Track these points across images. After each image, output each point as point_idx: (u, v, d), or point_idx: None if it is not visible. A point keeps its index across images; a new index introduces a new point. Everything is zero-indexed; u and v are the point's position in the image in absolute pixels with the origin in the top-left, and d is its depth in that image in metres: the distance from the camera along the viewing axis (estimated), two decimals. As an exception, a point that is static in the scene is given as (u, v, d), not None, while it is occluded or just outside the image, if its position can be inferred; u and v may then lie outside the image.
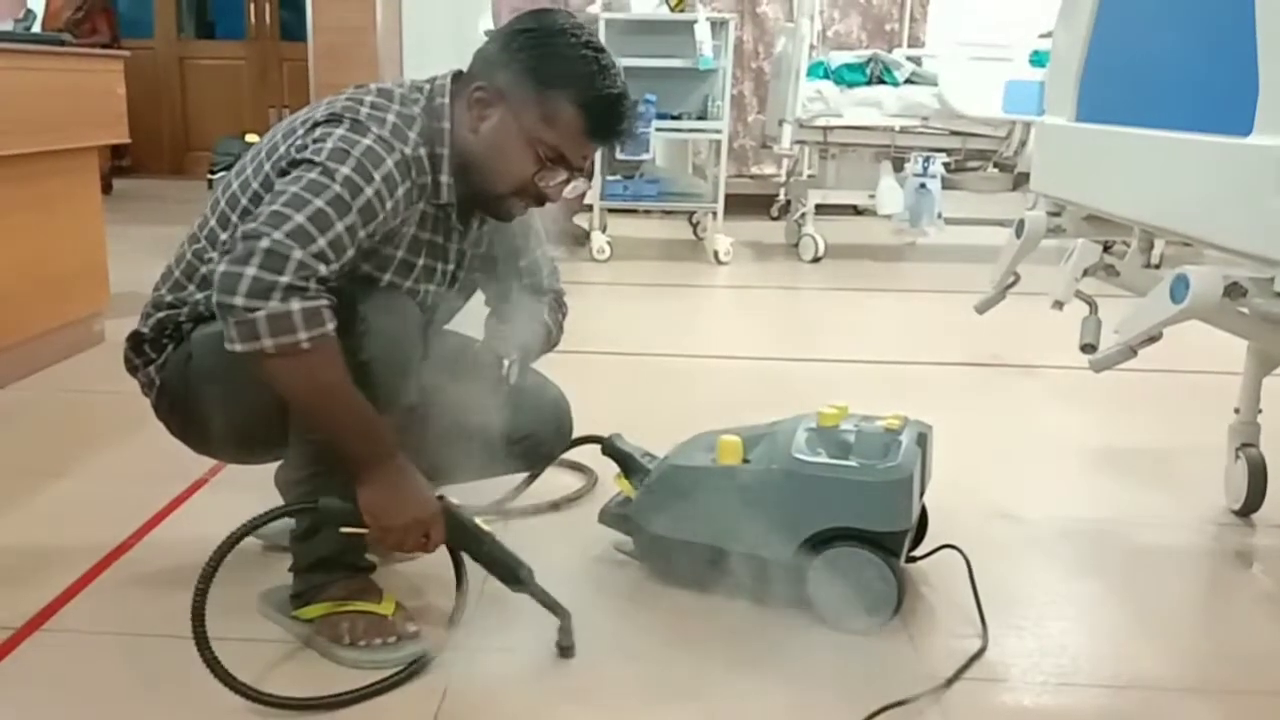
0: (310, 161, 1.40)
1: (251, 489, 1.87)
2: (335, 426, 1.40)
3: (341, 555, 1.54)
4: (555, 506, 2.04)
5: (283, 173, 1.43)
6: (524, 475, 1.99)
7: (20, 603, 1.64)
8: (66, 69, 2.92)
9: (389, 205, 1.43)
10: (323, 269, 1.34)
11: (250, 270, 1.29)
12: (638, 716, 1.41)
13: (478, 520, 1.53)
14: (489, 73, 1.51)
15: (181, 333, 1.56)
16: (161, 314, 1.56)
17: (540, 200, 1.57)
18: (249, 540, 1.83)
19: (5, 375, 2.75)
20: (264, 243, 1.31)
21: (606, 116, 1.51)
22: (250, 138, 5.91)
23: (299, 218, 1.33)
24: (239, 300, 1.29)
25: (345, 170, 1.38)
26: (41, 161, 2.83)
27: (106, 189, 5.13)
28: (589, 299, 4.11)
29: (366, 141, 1.42)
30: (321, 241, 1.34)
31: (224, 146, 6.19)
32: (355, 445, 1.42)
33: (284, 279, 1.30)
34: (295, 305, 1.30)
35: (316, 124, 1.46)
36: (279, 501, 1.81)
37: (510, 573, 1.53)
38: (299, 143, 1.45)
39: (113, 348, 3.07)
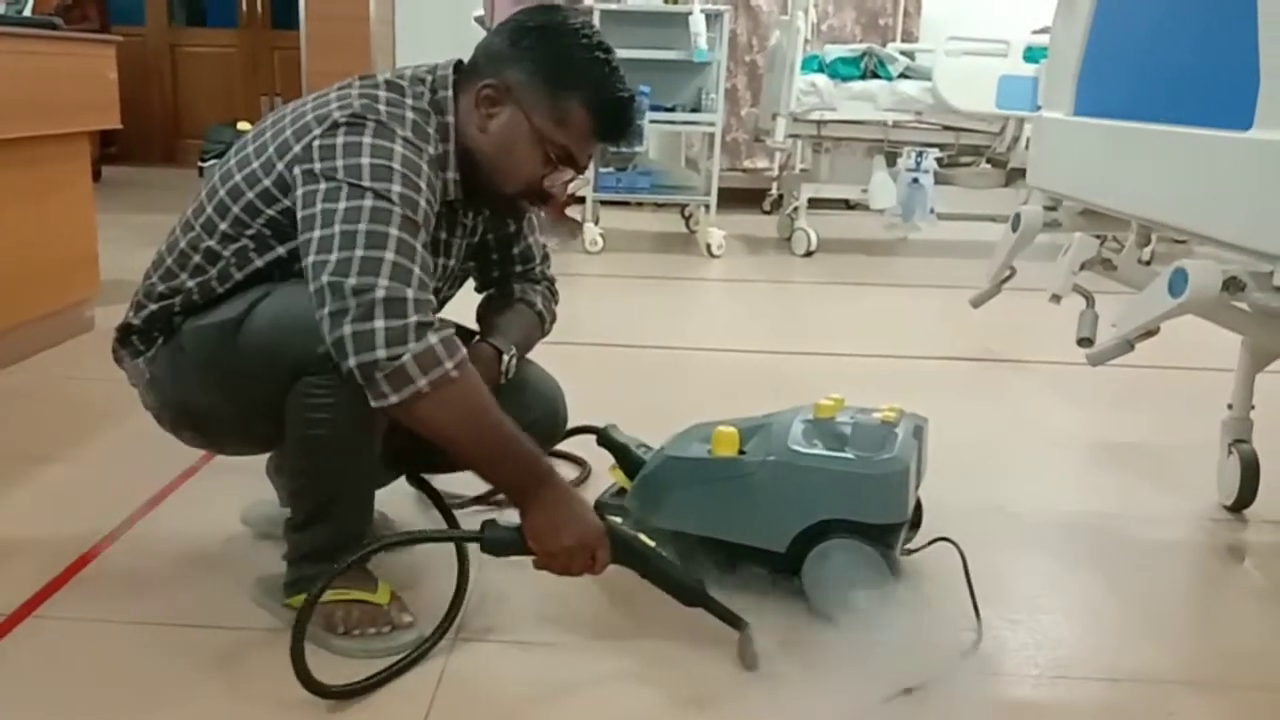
0: (357, 186, 1.36)
1: (242, 476, 1.87)
2: (493, 454, 1.40)
3: (337, 546, 1.53)
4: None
5: (311, 192, 1.39)
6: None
7: (10, 590, 1.63)
8: (58, 53, 2.90)
9: (435, 207, 1.44)
10: (428, 295, 1.35)
11: (379, 324, 1.29)
12: (632, 707, 1.41)
13: (641, 536, 1.51)
14: (497, 70, 1.49)
15: (172, 325, 1.52)
16: (154, 305, 1.52)
17: (545, 199, 1.57)
18: (241, 528, 1.83)
19: (-6, 361, 2.73)
20: (377, 293, 1.30)
21: (617, 118, 1.51)
22: (242, 125, 5.89)
23: (390, 256, 1.32)
24: (381, 354, 1.29)
25: (397, 188, 1.37)
26: (32, 147, 2.81)
27: (96, 176, 5.09)
28: (582, 291, 4.11)
29: (399, 150, 1.40)
30: (416, 269, 1.34)
31: (215, 134, 6.16)
32: (513, 472, 1.42)
33: (412, 319, 1.30)
34: (434, 339, 1.31)
35: (337, 125, 1.41)
36: (270, 491, 1.82)
37: (682, 588, 1.51)
38: (321, 146, 1.40)
39: (103, 335, 3.06)
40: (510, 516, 1.49)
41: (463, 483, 1.79)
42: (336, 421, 1.40)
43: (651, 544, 1.52)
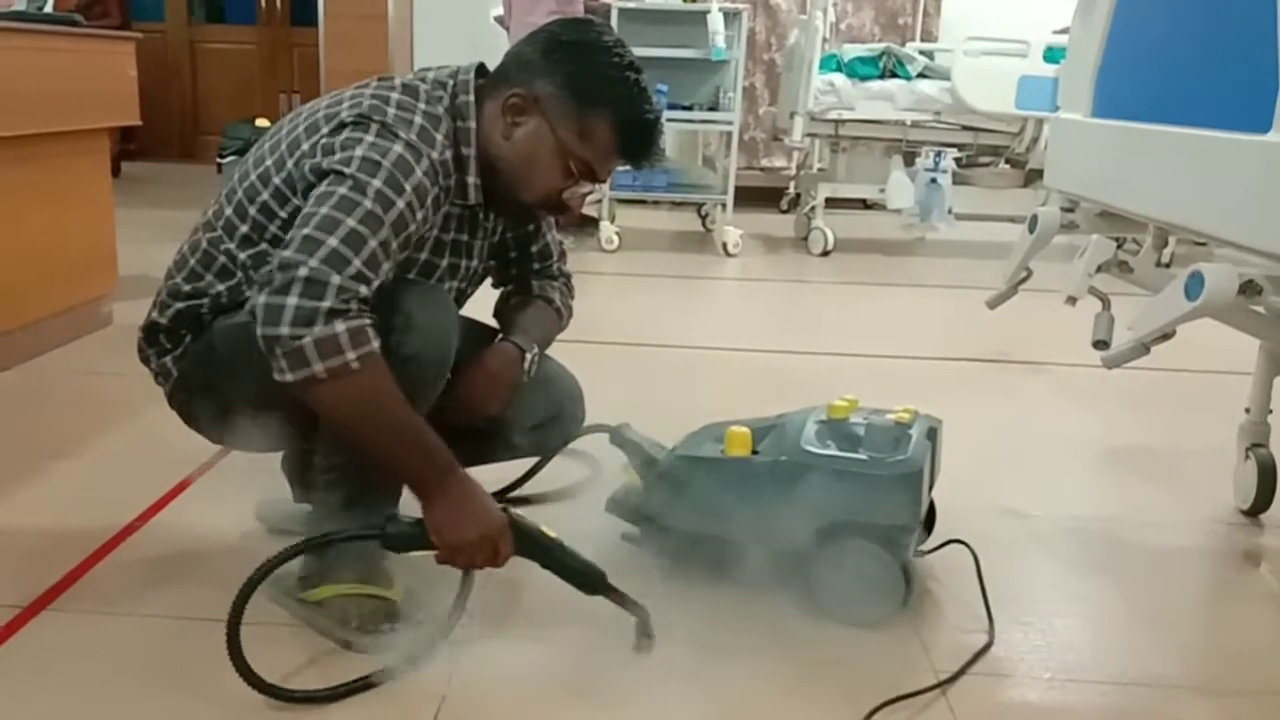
0: (340, 174, 1.38)
1: (257, 472, 1.87)
2: (393, 448, 1.39)
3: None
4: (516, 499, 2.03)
5: (310, 183, 1.42)
6: (530, 463, 1.99)
7: (27, 582, 1.64)
8: (79, 50, 2.92)
9: (419, 215, 1.43)
10: (362, 289, 1.33)
11: (291, 300, 1.29)
12: (642, 708, 1.41)
13: (543, 528, 1.51)
14: (526, 79, 1.50)
15: (201, 323, 1.54)
16: (180, 304, 1.55)
17: (561, 209, 1.58)
18: (255, 524, 1.84)
19: (13, 356, 2.75)
20: (301, 271, 1.30)
21: (641, 139, 1.52)
22: (261, 122, 5.90)
23: (332, 241, 1.33)
24: (284, 330, 1.29)
25: (376, 184, 1.37)
26: (52, 143, 2.83)
27: (115, 172, 5.13)
28: (597, 289, 4.11)
29: (397, 150, 1.40)
30: (357, 263, 1.33)
31: (233, 131, 6.17)
32: (414, 466, 1.41)
33: (325, 304, 1.30)
34: (340, 327, 1.30)
35: (344, 124, 1.43)
36: (284, 487, 1.82)
37: (583, 578, 1.51)
38: (325, 144, 1.43)
39: (121, 330, 3.09)
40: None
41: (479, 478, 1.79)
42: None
43: (554, 535, 1.51)
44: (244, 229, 1.50)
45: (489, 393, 1.62)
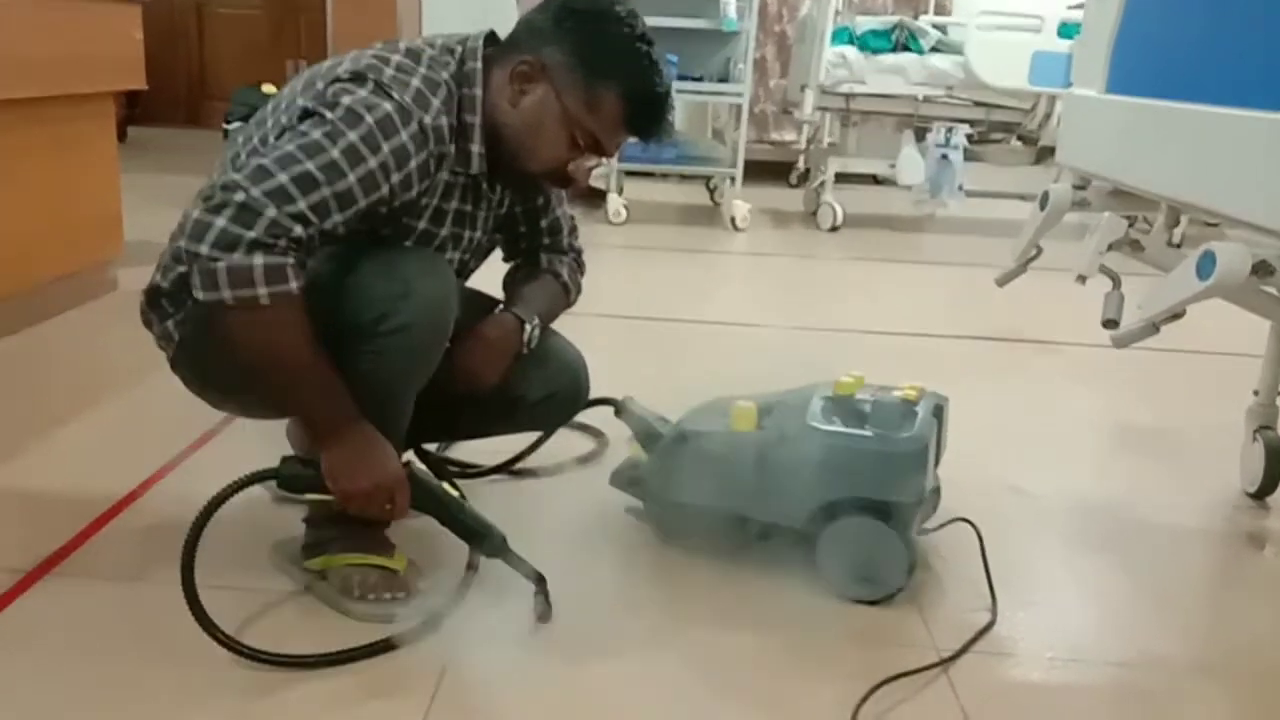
0: (320, 116, 1.37)
1: (262, 440, 1.87)
2: (293, 387, 1.38)
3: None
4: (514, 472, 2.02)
5: (291, 125, 1.41)
6: (534, 436, 1.98)
7: (31, 546, 1.64)
8: (84, 12, 2.89)
9: (396, 178, 1.40)
10: (298, 229, 1.31)
11: (220, 221, 1.28)
12: (643, 684, 1.41)
13: (445, 486, 1.50)
14: (535, 47, 1.48)
15: None
16: (182, 268, 1.52)
17: (566, 182, 1.56)
18: (260, 492, 1.84)
19: (18, 321, 2.75)
20: (239, 195, 1.29)
21: (650, 112, 1.50)
22: (267, 88, 5.87)
23: (282, 177, 1.31)
24: (204, 249, 1.28)
25: (352, 137, 1.35)
26: (58, 106, 2.82)
27: (121, 137, 5.11)
28: (604, 262, 4.09)
29: (386, 108, 1.38)
30: (302, 204, 1.31)
31: (240, 97, 6.15)
32: (314, 408, 1.40)
33: (250, 234, 1.28)
34: (258, 260, 1.28)
35: (339, 79, 1.42)
36: (289, 452, 1.82)
37: (479, 539, 1.50)
38: (316, 93, 1.42)
39: (126, 295, 3.08)
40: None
41: (483, 451, 1.79)
42: (378, 385, 1.41)
43: (456, 493, 1.50)
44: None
45: (486, 361, 1.61)
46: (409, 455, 1.56)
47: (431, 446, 1.84)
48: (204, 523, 1.40)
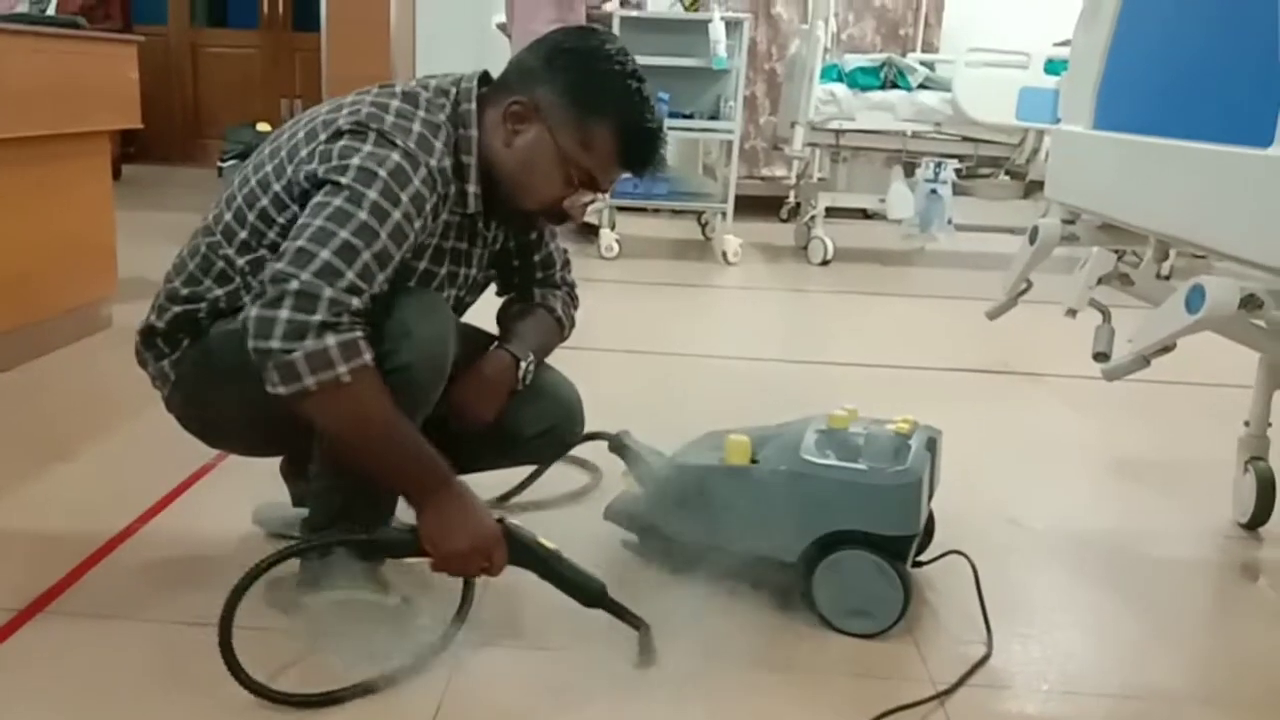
0: (336, 184, 1.38)
1: (255, 476, 1.87)
2: (387, 459, 1.40)
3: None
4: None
5: (305, 190, 1.42)
6: (529, 469, 1.98)
7: (24, 584, 1.63)
8: (81, 52, 2.92)
9: (417, 224, 1.42)
10: (355, 302, 1.33)
11: (283, 314, 1.30)
12: (639, 714, 1.40)
13: (541, 539, 1.51)
14: (528, 87, 1.50)
15: (199, 328, 1.53)
16: (177, 308, 1.54)
17: (562, 218, 1.58)
18: (253, 529, 1.84)
19: (13, 357, 2.75)
20: (293, 284, 1.31)
21: (643, 148, 1.52)
22: (262, 126, 5.89)
23: (325, 254, 1.33)
24: (275, 344, 1.30)
25: (372, 195, 1.37)
26: (54, 145, 2.83)
27: (116, 175, 5.11)
28: (598, 296, 4.10)
29: (394, 159, 1.39)
30: (350, 275, 1.33)
31: (235, 135, 6.17)
32: (408, 475, 1.42)
33: (316, 318, 1.30)
34: (331, 341, 1.31)
35: (341, 132, 1.43)
36: (282, 491, 1.82)
37: (580, 590, 1.50)
38: (322, 151, 1.42)
39: (120, 332, 3.09)
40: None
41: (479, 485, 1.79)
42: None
43: (553, 546, 1.50)
44: (242, 235, 1.49)
45: (482, 399, 1.62)
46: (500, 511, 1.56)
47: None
48: (266, 569, 1.43)
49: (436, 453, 1.41)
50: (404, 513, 1.61)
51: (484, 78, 1.56)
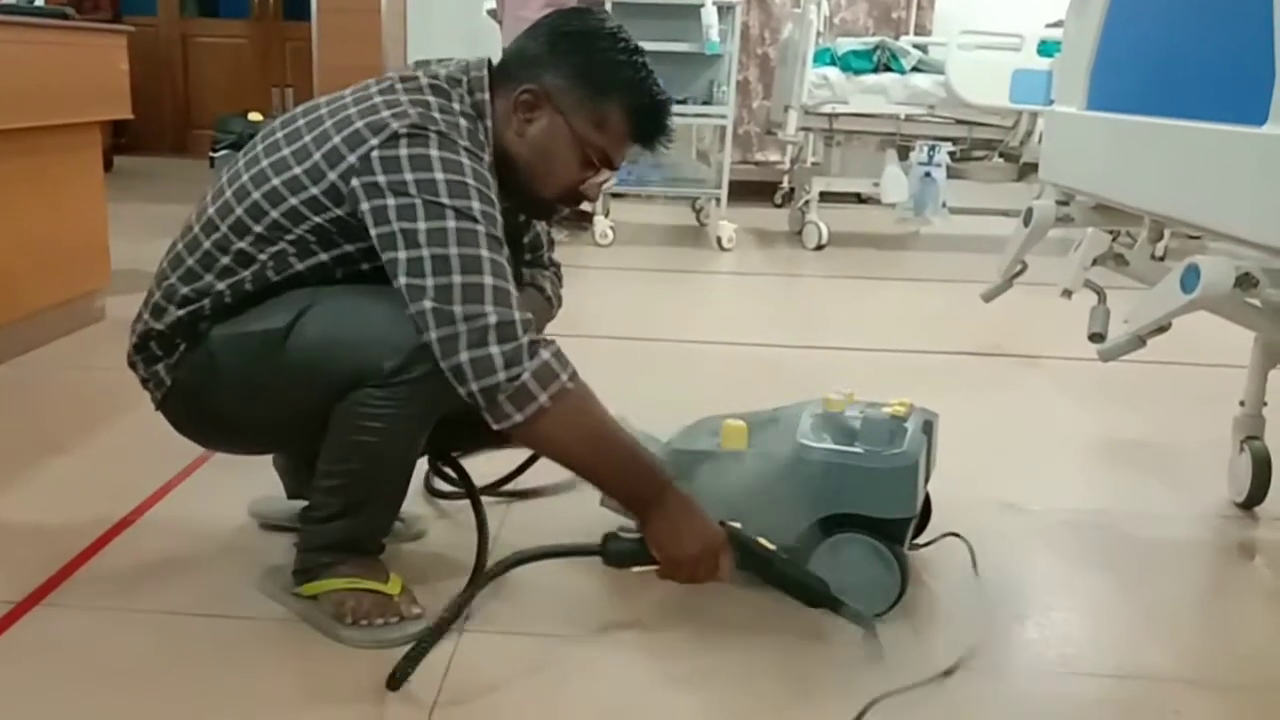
0: (436, 204, 1.35)
1: (250, 469, 1.87)
2: (612, 463, 1.43)
3: (359, 541, 1.53)
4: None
5: (368, 197, 1.38)
6: (525, 456, 1.98)
7: (20, 577, 1.63)
8: (70, 43, 2.91)
9: (498, 208, 1.44)
10: (526, 312, 1.37)
11: (493, 349, 1.32)
12: (638, 700, 1.41)
13: (761, 540, 1.51)
14: (534, 74, 1.49)
15: (198, 331, 1.48)
16: (178, 309, 1.48)
17: (578, 200, 1.58)
18: (248, 521, 1.84)
19: (6, 351, 2.74)
20: (486, 319, 1.33)
21: (654, 121, 1.53)
22: (253, 116, 5.88)
23: (488, 280, 1.35)
24: (501, 377, 1.32)
25: (477, 205, 1.38)
26: (44, 136, 2.82)
27: (107, 166, 5.11)
28: (593, 283, 4.11)
29: (467, 162, 1.40)
30: (512, 289, 1.37)
31: (226, 125, 6.16)
32: (634, 483, 1.45)
33: (522, 339, 1.34)
34: (545, 354, 1.35)
35: (397, 135, 1.38)
36: (278, 484, 1.82)
37: (806, 590, 1.51)
38: (381, 159, 1.37)
39: (113, 325, 3.08)
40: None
41: (472, 472, 1.79)
42: (391, 431, 1.42)
43: (772, 547, 1.51)
44: (259, 229, 1.45)
45: None
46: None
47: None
48: (496, 574, 1.48)
49: (655, 458, 1.45)
50: (405, 511, 1.61)
51: (489, 65, 1.55)
